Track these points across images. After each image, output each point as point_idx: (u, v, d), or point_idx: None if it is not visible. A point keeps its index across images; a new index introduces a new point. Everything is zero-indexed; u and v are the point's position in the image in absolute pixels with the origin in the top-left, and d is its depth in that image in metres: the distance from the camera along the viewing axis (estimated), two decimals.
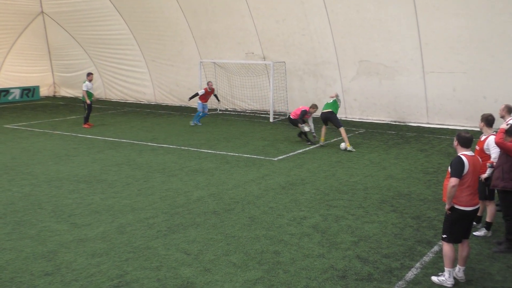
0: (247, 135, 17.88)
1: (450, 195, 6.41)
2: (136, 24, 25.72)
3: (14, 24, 27.70)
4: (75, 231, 8.42)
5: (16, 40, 28.54)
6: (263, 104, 23.55)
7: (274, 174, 12.36)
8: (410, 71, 19.62)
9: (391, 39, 19.48)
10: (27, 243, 7.89)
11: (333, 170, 12.85)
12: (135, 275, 6.78)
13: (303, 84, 22.42)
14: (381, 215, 9.36)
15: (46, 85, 31.17)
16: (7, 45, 28.36)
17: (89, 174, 12.26)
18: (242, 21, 22.42)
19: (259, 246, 7.83)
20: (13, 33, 28.18)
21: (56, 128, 19.23)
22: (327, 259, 7.35)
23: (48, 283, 6.56)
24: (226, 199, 10.32)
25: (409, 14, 18.55)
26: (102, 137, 17.13)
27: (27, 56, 29.61)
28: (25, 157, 14.15)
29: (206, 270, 6.96)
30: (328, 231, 8.53)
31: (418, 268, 7.09)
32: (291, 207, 9.83)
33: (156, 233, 8.35)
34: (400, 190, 11.09)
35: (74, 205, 9.83)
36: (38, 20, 28.53)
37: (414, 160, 14.01)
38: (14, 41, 28.48)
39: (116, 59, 27.71)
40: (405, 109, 20.31)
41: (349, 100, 21.49)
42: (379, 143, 16.42)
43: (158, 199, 10.24)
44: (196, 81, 23.89)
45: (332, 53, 20.98)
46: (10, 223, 8.82)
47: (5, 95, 28.42)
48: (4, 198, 10.30)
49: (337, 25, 20.26)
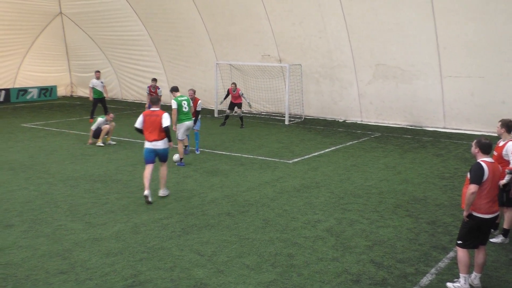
0: (262, 137, 17.87)
1: (468, 202, 6.33)
2: (153, 25, 25.86)
3: (33, 25, 27.99)
4: (90, 230, 8.47)
5: (35, 40, 28.84)
6: (278, 106, 23.53)
7: (288, 177, 12.33)
8: (427, 75, 19.48)
9: (408, 43, 19.36)
10: (42, 241, 7.96)
11: (348, 173, 12.79)
12: (149, 275, 6.81)
13: (319, 87, 22.37)
14: (396, 220, 9.29)
15: (63, 85, 31.47)
16: (26, 45, 28.67)
17: (105, 174, 12.34)
18: (259, 23, 22.44)
19: (273, 248, 7.82)
20: (32, 34, 28.48)
21: (72, 127, 19.39)
22: (341, 263, 7.31)
23: (63, 281, 6.60)
24: (240, 201, 10.32)
25: (427, 18, 18.42)
26: (117, 137, 17.23)
27: (45, 56, 29.91)
28: (42, 156, 14.28)
29: (219, 271, 6.96)
30: (343, 234, 8.48)
31: (433, 274, 7.02)
32: (305, 210, 9.80)
33: (170, 234, 8.38)
34: (416, 194, 11.00)
35: (89, 204, 9.89)
36: (57, 20, 28.81)
37: (430, 165, 13.90)
38: (33, 41, 28.79)
39: (132, 60, 27.89)
40: (422, 113, 20.17)
41: (365, 104, 21.39)
42: (394, 147, 16.31)
43: (172, 200, 10.27)
44: (212, 82, 23.94)
45: (348, 56, 20.91)
46: (26, 221, 8.91)
47: (24, 94, 28.74)
48: (21, 196, 10.40)
49: (354, 28, 20.19)
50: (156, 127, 10.31)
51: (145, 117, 10.41)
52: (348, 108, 21.92)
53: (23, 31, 27.79)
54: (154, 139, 10.31)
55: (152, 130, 10.33)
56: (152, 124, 10.32)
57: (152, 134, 10.32)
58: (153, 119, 10.33)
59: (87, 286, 6.48)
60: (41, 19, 28.10)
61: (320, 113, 22.85)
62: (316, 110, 22.92)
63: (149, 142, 10.35)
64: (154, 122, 10.31)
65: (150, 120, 10.34)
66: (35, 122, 20.67)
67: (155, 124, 10.30)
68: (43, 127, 19.43)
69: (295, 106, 22.90)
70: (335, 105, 22.33)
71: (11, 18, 26.45)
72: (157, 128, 10.30)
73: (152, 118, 10.35)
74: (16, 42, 27.90)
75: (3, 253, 7.46)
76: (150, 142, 10.34)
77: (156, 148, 10.36)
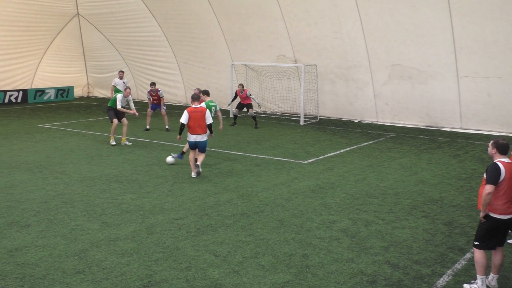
0: (277, 138, 17.87)
1: (485, 202, 6.28)
2: (169, 26, 25.99)
3: (50, 26, 28.28)
4: (106, 230, 8.54)
5: (52, 41, 29.14)
6: (293, 107, 23.51)
7: (303, 177, 12.32)
8: (444, 75, 19.32)
9: (424, 43, 19.22)
10: (59, 241, 8.03)
11: (363, 174, 12.74)
12: (164, 275, 6.84)
13: (334, 88, 22.31)
14: (412, 221, 9.23)
15: (80, 86, 31.75)
16: (44, 46, 28.98)
17: (121, 174, 12.43)
18: (274, 24, 22.43)
19: (288, 249, 7.81)
20: (50, 35, 28.79)
21: (89, 128, 19.56)
22: (356, 264, 7.28)
23: (79, 281, 6.66)
24: (255, 201, 10.32)
25: (444, 18, 18.26)
26: (133, 137, 17.34)
27: (63, 57, 30.20)
28: (59, 156, 14.42)
29: (234, 272, 6.97)
30: (358, 235, 8.45)
31: (449, 276, 6.96)
32: (320, 210, 9.77)
33: (185, 234, 8.41)
34: (432, 195, 10.92)
35: (105, 205, 9.97)
36: (74, 21, 29.07)
37: (446, 166, 13.78)
38: (50, 42, 29.09)
39: (148, 61, 28.06)
40: (438, 114, 20.01)
41: (380, 104, 21.28)
42: (410, 148, 16.21)
43: (187, 200, 10.31)
44: (227, 83, 24.00)
45: (364, 56, 20.81)
46: (43, 221, 9.00)
47: (41, 95, 29.06)
48: (38, 196, 10.51)
49: (370, 29, 20.09)
50: (199, 122, 11.89)
51: (190, 113, 11.91)
52: (364, 109, 21.82)
53: (41, 32, 28.10)
54: (197, 132, 11.94)
55: (195, 125, 11.88)
56: (196, 119, 11.87)
57: (195, 129, 11.90)
58: (197, 115, 11.89)
59: (103, 286, 6.53)
60: (59, 20, 28.37)
61: (335, 113, 22.78)
62: (331, 110, 22.85)
63: (192, 135, 11.98)
64: (198, 118, 11.88)
65: (194, 116, 11.87)
66: (52, 123, 20.88)
67: (198, 119, 11.88)
68: (60, 128, 19.62)
69: (310, 106, 22.86)
70: (350, 106, 22.24)
71: (29, 19, 26.75)
72: (200, 123, 11.89)
73: (196, 114, 11.90)
74: (34, 43, 28.24)
75: (20, 253, 7.55)
76: (193, 136, 11.98)
77: (198, 140, 11.99)
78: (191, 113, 11.94)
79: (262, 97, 24.29)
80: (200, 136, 11.99)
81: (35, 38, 28.11)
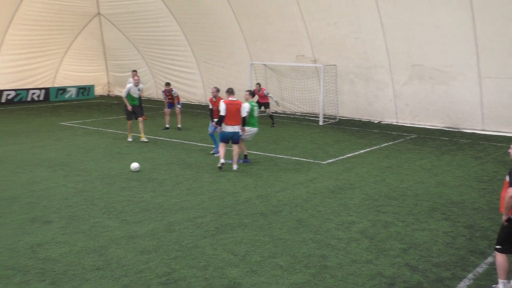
0: (296, 138, 17.83)
1: (508, 205, 6.18)
2: (188, 25, 26.11)
3: (72, 25, 28.62)
4: (125, 228, 8.60)
5: (73, 40, 29.49)
6: (312, 107, 23.44)
7: (322, 178, 12.27)
8: (466, 76, 19.09)
9: (445, 43, 19.01)
10: (80, 238, 8.12)
11: (382, 175, 12.65)
12: (182, 273, 6.87)
13: (354, 88, 22.19)
14: (432, 223, 9.14)
15: (100, 84, 32.09)
16: (65, 45, 29.34)
17: (140, 173, 12.51)
18: (293, 23, 22.39)
19: (306, 249, 7.79)
20: (71, 34, 29.13)
21: (109, 126, 19.73)
22: (375, 266, 7.23)
23: (99, 277, 6.72)
24: (274, 201, 10.31)
25: (466, 18, 18.04)
26: (153, 136, 17.45)
27: (84, 56, 30.55)
28: (80, 154, 14.58)
29: (252, 271, 6.97)
30: (377, 237, 8.39)
31: (470, 279, 6.87)
32: (339, 211, 9.73)
33: (204, 233, 8.43)
34: (453, 198, 10.80)
35: (125, 202, 10.04)
36: (95, 21, 29.38)
37: (467, 168, 13.62)
38: (72, 41, 29.43)
39: (168, 60, 28.23)
40: (459, 115, 19.78)
41: (400, 105, 21.12)
42: (431, 149, 16.05)
43: (206, 199, 10.34)
44: (247, 82, 24.01)
45: (384, 57, 20.67)
46: (64, 217, 9.10)
47: (62, 93, 29.42)
48: (59, 193, 10.63)
49: (390, 29, 19.95)
50: (235, 114, 12.73)
51: (228, 106, 12.68)
52: (384, 109, 21.67)
53: (63, 31, 28.46)
54: (233, 124, 12.74)
55: (232, 116, 12.69)
56: (233, 111, 12.68)
57: (232, 120, 12.71)
58: (234, 107, 12.70)
59: (122, 283, 6.58)
60: (80, 19, 28.70)
61: (354, 114, 22.66)
62: (351, 111, 22.73)
63: (229, 126, 12.75)
64: (234, 110, 12.70)
65: (231, 108, 12.67)
66: (73, 121, 21.11)
67: (235, 111, 12.71)
68: (81, 126, 19.83)
69: (329, 106, 22.77)
70: (370, 106, 22.11)
71: (52, 18, 27.11)
72: (237, 115, 12.75)
73: (233, 106, 12.71)
74: (56, 42, 28.61)
75: (42, 249, 7.64)
76: (230, 126, 12.75)
77: (233, 131, 12.78)
78: (229, 105, 12.69)
79: (281, 97, 24.26)
80: (236, 127, 12.78)
81: (57, 37, 28.48)
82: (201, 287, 6.50)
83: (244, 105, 12.93)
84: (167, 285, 6.53)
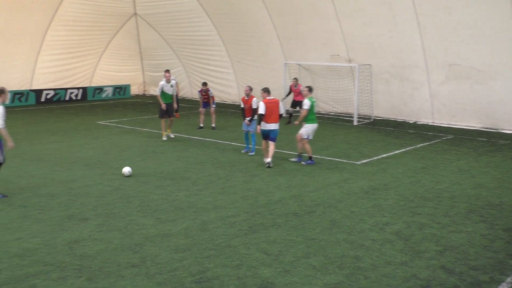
0: (330, 138, 17.73)
1: None
2: (223, 25, 26.24)
3: (109, 25, 29.11)
4: (160, 226, 8.70)
5: (110, 40, 29.98)
6: (347, 106, 23.26)
7: (356, 178, 12.17)
8: (505, 75, 18.64)
9: (484, 42, 18.59)
10: (115, 235, 8.25)
11: (418, 176, 12.46)
12: (215, 272, 6.91)
13: (388, 88, 21.93)
14: (469, 225, 8.96)
15: (136, 84, 32.54)
16: (103, 45, 29.86)
17: (174, 171, 12.64)
18: (328, 22, 22.26)
19: (340, 250, 7.74)
20: (109, 34, 29.63)
21: (144, 125, 20.00)
22: (409, 268, 7.13)
23: (134, 274, 6.82)
24: (307, 201, 10.28)
25: (505, 15, 17.61)
26: (187, 135, 17.61)
27: (120, 56, 31.04)
28: (116, 153, 14.82)
29: (285, 271, 6.97)
30: (412, 238, 8.27)
31: (509, 283, 6.71)
32: (373, 212, 9.63)
33: (237, 232, 8.46)
34: (491, 200, 10.56)
35: (159, 201, 10.16)
36: (131, 21, 29.81)
37: (506, 169, 13.30)
38: (109, 41, 29.93)
39: (202, 60, 28.43)
40: (498, 115, 19.32)
41: (437, 105, 20.77)
42: (468, 150, 15.73)
43: (240, 198, 10.38)
44: (280, 82, 23.99)
45: (420, 56, 20.35)
46: (100, 215, 9.26)
47: (99, 92, 29.94)
48: (96, 191, 10.83)
49: (426, 27, 19.63)
50: (274, 112, 13.09)
51: (267, 104, 13.05)
52: (419, 110, 21.34)
53: (101, 31, 28.96)
54: (272, 121, 13.10)
55: (271, 114, 13.04)
56: (271, 110, 13.05)
57: (271, 118, 13.07)
58: (272, 106, 13.08)
59: (156, 280, 6.66)
60: (117, 20, 29.16)
61: (389, 114, 22.38)
62: (386, 111, 22.47)
63: (267, 124, 13.09)
64: (273, 108, 13.08)
65: (270, 106, 13.05)
66: (110, 120, 21.47)
67: (273, 109, 13.08)
68: (117, 125, 20.15)
69: (364, 106, 22.56)
70: (405, 106, 21.80)
71: (90, 19, 27.62)
72: (275, 113, 13.11)
73: (271, 105, 13.09)
74: (94, 42, 29.15)
75: (79, 245, 7.80)
76: (269, 124, 13.10)
77: (272, 128, 13.13)
78: (268, 104, 13.03)
79: (316, 97, 24.06)
80: (274, 124, 13.13)
81: (95, 37, 29.00)
82: (234, 286, 6.53)
83: (305, 101, 13.51)
84: (200, 284, 6.58)
